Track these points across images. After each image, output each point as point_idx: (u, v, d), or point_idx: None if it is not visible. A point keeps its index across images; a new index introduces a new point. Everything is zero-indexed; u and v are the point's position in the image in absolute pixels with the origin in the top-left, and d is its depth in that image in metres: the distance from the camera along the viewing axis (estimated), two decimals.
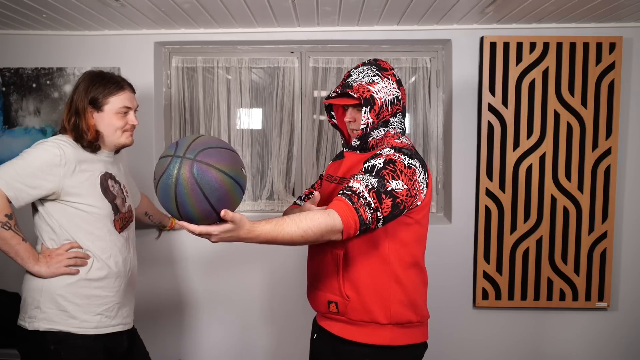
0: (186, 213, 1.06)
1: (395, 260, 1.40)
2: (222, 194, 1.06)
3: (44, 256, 1.54)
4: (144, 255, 2.45)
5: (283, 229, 1.16)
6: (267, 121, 2.62)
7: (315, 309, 1.53)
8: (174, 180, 1.04)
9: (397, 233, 1.39)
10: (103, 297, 1.60)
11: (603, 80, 2.28)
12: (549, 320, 2.43)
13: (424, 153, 2.59)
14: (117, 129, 1.64)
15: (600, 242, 2.34)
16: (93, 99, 1.59)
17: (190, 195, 1.04)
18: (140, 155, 2.44)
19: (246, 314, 2.49)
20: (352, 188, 1.26)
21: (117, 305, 1.65)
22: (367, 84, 1.43)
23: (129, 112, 1.66)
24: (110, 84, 1.62)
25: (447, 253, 2.42)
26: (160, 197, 1.08)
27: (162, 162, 1.09)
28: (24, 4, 1.97)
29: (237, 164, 1.12)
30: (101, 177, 1.62)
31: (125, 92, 1.65)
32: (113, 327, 1.63)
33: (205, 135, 1.15)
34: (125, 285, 1.69)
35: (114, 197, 1.65)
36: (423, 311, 1.48)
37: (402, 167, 1.33)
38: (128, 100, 1.66)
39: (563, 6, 2.04)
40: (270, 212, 2.61)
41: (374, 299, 1.39)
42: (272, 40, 2.42)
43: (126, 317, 1.71)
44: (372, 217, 1.24)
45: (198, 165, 1.05)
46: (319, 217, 1.19)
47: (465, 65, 2.38)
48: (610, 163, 2.31)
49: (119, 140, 1.66)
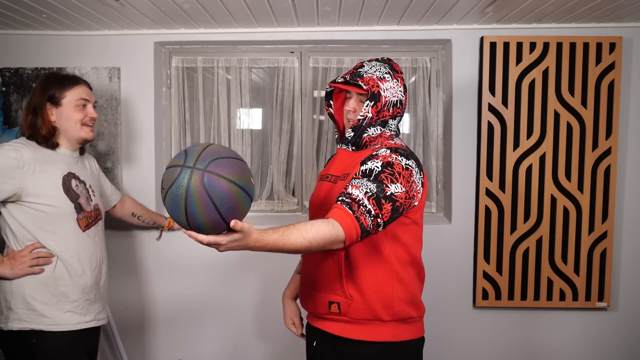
0: (195, 223, 1.06)
1: (396, 259, 1.41)
2: (232, 204, 1.06)
3: (8, 258, 1.59)
4: (143, 258, 2.47)
5: (289, 239, 1.16)
6: (267, 121, 2.62)
7: (312, 311, 1.51)
8: (184, 191, 1.04)
9: (396, 233, 1.40)
10: (70, 294, 1.65)
11: (603, 80, 2.28)
12: (549, 320, 2.43)
13: (423, 153, 2.59)
14: (77, 122, 1.69)
15: (600, 242, 2.34)
16: (50, 95, 1.66)
17: (200, 205, 1.03)
18: (140, 156, 2.45)
19: (242, 318, 2.49)
20: (351, 196, 1.26)
21: (86, 302, 1.69)
22: (378, 78, 1.44)
23: (87, 105, 1.72)
24: (66, 80, 1.70)
25: (447, 253, 2.42)
26: (169, 207, 1.07)
27: (171, 172, 1.08)
28: (24, 4, 1.97)
29: (246, 174, 1.12)
30: (64, 177, 1.66)
31: (81, 86, 1.72)
32: (86, 323, 1.68)
33: (214, 144, 1.15)
34: (94, 282, 1.73)
35: (77, 196, 1.68)
36: (421, 306, 1.50)
37: (400, 169, 1.33)
38: (85, 93, 1.72)
39: (563, 6, 2.04)
40: (270, 212, 2.61)
41: (378, 298, 1.39)
42: (272, 40, 2.42)
43: (99, 313, 1.75)
44: (372, 223, 1.24)
45: (209, 176, 1.05)
46: (324, 229, 1.19)
47: (465, 65, 2.38)
48: (610, 163, 2.31)
49: (79, 134, 1.70)
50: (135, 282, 2.47)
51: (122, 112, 2.43)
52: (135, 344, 2.50)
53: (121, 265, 2.44)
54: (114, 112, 2.42)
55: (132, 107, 2.44)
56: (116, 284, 2.44)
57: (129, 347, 2.48)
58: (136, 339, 2.50)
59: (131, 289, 2.46)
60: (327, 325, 1.46)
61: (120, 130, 2.43)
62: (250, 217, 2.54)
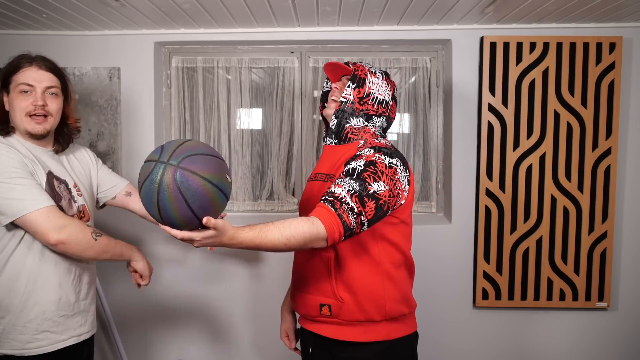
0: (168, 218, 1.07)
1: (386, 259, 1.41)
2: (204, 201, 1.06)
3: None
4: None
5: (266, 236, 1.16)
6: (267, 121, 2.62)
7: (303, 313, 1.50)
8: (156, 186, 1.05)
9: (384, 233, 1.39)
10: (42, 312, 1.43)
11: (603, 80, 2.28)
12: (549, 320, 2.43)
13: (423, 153, 2.59)
14: (21, 111, 1.43)
15: (600, 242, 2.34)
16: (3, 80, 1.45)
17: (172, 201, 1.04)
18: (140, 156, 2.45)
19: (243, 318, 2.49)
20: (334, 194, 1.26)
21: (62, 318, 1.47)
22: (369, 71, 1.50)
23: (32, 92, 1.44)
24: (19, 60, 1.45)
25: (447, 253, 2.42)
26: (144, 201, 1.09)
27: (146, 166, 1.09)
28: (24, 4, 1.97)
29: (222, 172, 1.12)
30: (47, 174, 1.46)
31: (30, 69, 1.44)
32: (63, 342, 1.47)
33: (192, 141, 1.15)
34: (73, 294, 1.51)
35: (59, 197, 1.46)
36: (412, 302, 1.49)
37: (383, 167, 1.32)
38: (32, 78, 1.43)
39: (563, 6, 2.04)
40: (270, 212, 2.61)
41: (369, 299, 1.38)
42: (272, 40, 2.42)
43: (79, 327, 1.52)
44: (355, 221, 1.23)
45: (181, 172, 1.05)
46: (302, 226, 1.18)
47: (465, 65, 2.38)
48: (610, 163, 2.31)
49: (24, 125, 1.44)
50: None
51: (122, 112, 2.43)
52: (135, 344, 2.50)
53: (121, 265, 2.43)
54: (114, 112, 2.42)
55: (132, 107, 2.44)
56: (116, 284, 2.44)
57: (129, 347, 2.48)
58: (136, 339, 2.50)
59: (131, 289, 2.46)
60: (319, 327, 1.45)
61: (120, 130, 2.43)
62: (251, 217, 2.55)
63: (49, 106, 1.46)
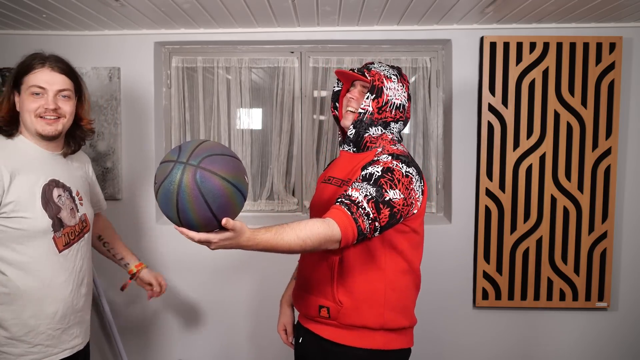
0: (187, 220, 1.05)
1: (391, 268, 1.40)
2: (224, 201, 1.05)
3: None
4: (143, 258, 2.46)
5: (282, 237, 1.15)
6: (267, 121, 2.62)
7: (304, 312, 1.51)
8: (176, 187, 1.03)
9: (393, 241, 1.39)
10: (37, 326, 1.40)
11: (603, 80, 2.28)
12: (549, 320, 2.43)
13: (423, 153, 2.59)
14: (31, 113, 1.41)
15: (600, 242, 2.34)
16: (15, 80, 1.43)
17: (192, 202, 1.03)
18: (140, 156, 2.45)
19: (243, 318, 2.49)
20: (350, 197, 1.25)
21: (57, 332, 1.44)
22: (384, 76, 1.46)
23: (44, 94, 1.42)
24: (31, 60, 1.43)
25: (447, 253, 2.42)
26: (161, 202, 1.07)
27: (164, 167, 1.07)
28: (24, 4, 1.97)
29: (240, 172, 1.11)
30: (44, 186, 1.42)
31: (43, 70, 1.42)
32: (56, 356, 1.44)
33: (209, 141, 1.14)
34: (70, 307, 1.47)
35: (57, 210, 1.42)
36: (413, 317, 1.48)
37: (400, 175, 1.32)
38: (44, 80, 1.41)
39: (563, 6, 2.04)
40: (270, 212, 2.61)
41: (368, 306, 1.38)
42: (272, 40, 2.42)
43: (73, 340, 1.49)
44: (370, 227, 1.23)
45: (201, 172, 1.04)
46: (318, 227, 1.18)
47: (465, 65, 2.38)
48: (610, 163, 2.31)
49: (34, 126, 1.42)
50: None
51: (122, 112, 2.43)
52: (135, 344, 2.50)
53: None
54: (114, 112, 2.42)
55: (132, 107, 2.44)
56: (116, 284, 2.43)
57: (129, 347, 2.48)
58: (136, 339, 2.50)
59: (131, 289, 2.45)
60: (316, 327, 1.45)
61: (120, 130, 2.43)
62: (251, 217, 2.54)
63: (61, 109, 1.44)
